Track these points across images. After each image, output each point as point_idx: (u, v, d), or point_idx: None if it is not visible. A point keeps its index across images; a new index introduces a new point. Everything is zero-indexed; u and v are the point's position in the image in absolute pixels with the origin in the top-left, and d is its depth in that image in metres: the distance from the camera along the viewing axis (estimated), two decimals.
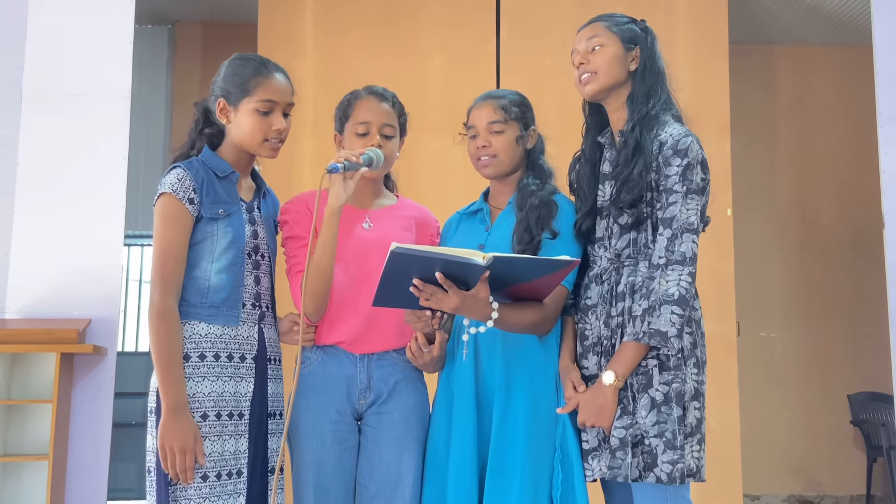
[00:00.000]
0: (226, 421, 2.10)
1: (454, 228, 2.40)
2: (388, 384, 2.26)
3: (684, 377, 2.05)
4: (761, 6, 5.99)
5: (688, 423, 2.04)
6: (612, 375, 2.05)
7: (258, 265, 2.22)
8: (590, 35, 2.22)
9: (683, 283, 2.02)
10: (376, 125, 2.32)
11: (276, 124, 2.18)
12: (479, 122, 2.30)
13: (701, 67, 4.92)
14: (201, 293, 2.11)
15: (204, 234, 2.12)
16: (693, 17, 5.07)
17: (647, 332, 2.01)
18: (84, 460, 3.98)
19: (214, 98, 2.22)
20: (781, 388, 6.29)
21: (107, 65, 4.25)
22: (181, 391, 2.03)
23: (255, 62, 2.21)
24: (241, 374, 2.15)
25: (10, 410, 3.89)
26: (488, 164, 2.29)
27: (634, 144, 2.12)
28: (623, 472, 2.02)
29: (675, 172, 2.07)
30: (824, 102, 6.59)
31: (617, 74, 2.19)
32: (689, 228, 2.05)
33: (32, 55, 4.22)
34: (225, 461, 2.08)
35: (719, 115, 4.95)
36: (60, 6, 4.28)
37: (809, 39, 6.52)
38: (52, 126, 4.17)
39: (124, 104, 4.23)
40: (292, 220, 2.30)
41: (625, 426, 2.04)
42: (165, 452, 2.00)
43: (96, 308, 4.04)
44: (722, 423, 4.57)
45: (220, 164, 2.19)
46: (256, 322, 2.20)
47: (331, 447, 2.21)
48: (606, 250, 2.18)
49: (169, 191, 2.10)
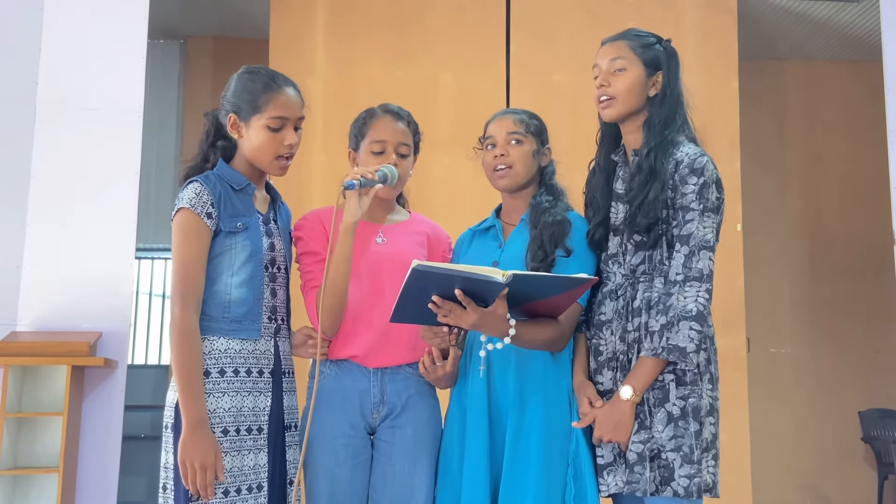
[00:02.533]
0: (245, 436, 2.09)
1: (467, 245, 2.40)
2: (401, 398, 2.26)
3: (700, 392, 2.05)
4: (771, 22, 6.00)
5: (703, 437, 2.03)
6: (629, 390, 2.04)
7: (275, 278, 2.21)
8: (613, 55, 2.21)
9: (701, 300, 2.02)
10: (392, 144, 2.33)
11: (287, 140, 2.18)
12: (498, 133, 2.31)
13: (710, 83, 4.92)
14: (223, 307, 2.11)
15: (223, 247, 2.12)
16: (702, 32, 5.08)
17: (666, 348, 2.01)
18: (94, 473, 3.99)
19: (225, 112, 2.22)
20: (791, 404, 6.26)
21: (119, 79, 4.29)
22: (202, 407, 2.02)
23: (264, 77, 2.20)
24: (260, 389, 2.14)
25: (20, 423, 3.90)
26: (504, 175, 2.29)
27: (649, 169, 2.12)
28: (641, 486, 2.02)
29: (691, 191, 2.08)
30: (834, 118, 6.58)
31: (635, 102, 2.19)
32: (706, 246, 2.05)
33: (46, 70, 4.26)
34: (245, 476, 2.07)
35: (729, 131, 4.95)
36: (74, 21, 4.32)
37: (819, 55, 6.52)
38: (65, 140, 4.21)
39: (136, 118, 4.26)
40: (307, 236, 2.30)
41: (642, 441, 2.03)
42: (186, 468, 1.98)
43: (107, 321, 4.06)
44: (732, 439, 4.53)
45: (235, 176, 2.19)
46: (273, 336, 2.19)
47: (344, 461, 2.21)
48: (621, 266, 2.18)
49: (187, 206, 2.10)
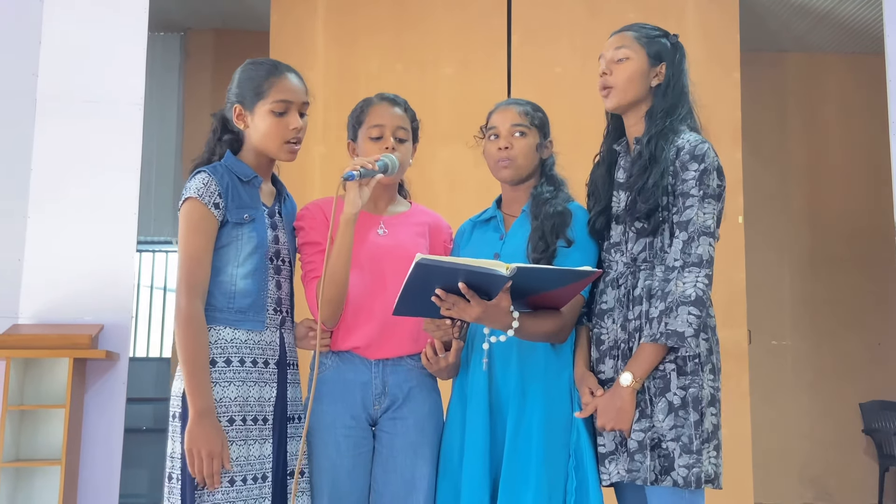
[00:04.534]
0: (251, 426, 2.10)
1: (468, 236, 2.40)
2: (402, 390, 2.26)
3: (701, 382, 2.05)
4: (772, 14, 5.98)
5: (704, 428, 2.03)
6: (629, 377, 2.04)
7: (279, 270, 2.22)
8: (618, 44, 2.22)
9: (700, 285, 2.02)
10: (390, 128, 2.33)
11: (292, 123, 2.19)
12: (501, 124, 2.31)
13: (712, 75, 4.91)
14: (227, 298, 2.11)
15: (229, 238, 2.12)
16: (704, 25, 5.07)
17: (665, 333, 2.01)
18: (96, 465, 3.99)
19: (230, 105, 2.23)
20: (793, 396, 6.27)
21: (120, 72, 4.29)
22: (209, 396, 2.02)
23: (266, 65, 2.23)
24: (265, 379, 2.15)
25: (23, 415, 3.90)
26: (507, 167, 2.29)
27: (649, 156, 2.13)
28: (642, 475, 2.02)
29: (691, 177, 2.08)
30: (836, 110, 6.57)
31: (636, 91, 2.20)
32: (706, 232, 2.05)
33: (46, 63, 4.26)
34: (251, 465, 2.08)
35: (730, 123, 4.95)
36: (74, 14, 4.31)
37: (821, 47, 6.51)
38: (66, 133, 4.21)
39: (137, 111, 4.26)
40: (308, 227, 2.30)
41: (643, 429, 2.04)
42: (193, 457, 1.99)
43: (109, 314, 4.07)
44: (733, 432, 4.53)
45: (243, 168, 2.20)
46: (278, 327, 2.20)
47: (345, 453, 2.21)
48: (622, 255, 2.18)
49: (195, 195, 2.10)
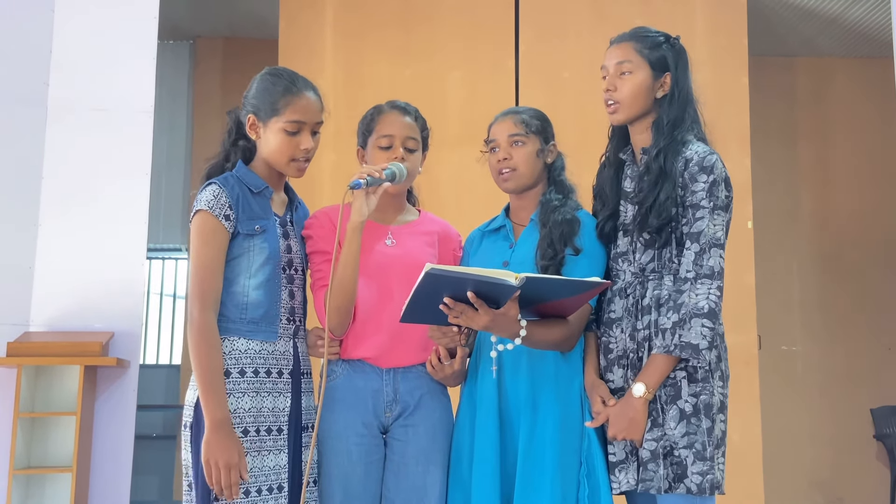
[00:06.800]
0: (265, 436, 2.10)
1: (477, 245, 2.39)
2: (413, 397, 2.26)
3: (712, 389, 2.05)
4: (781, 18, 5.97)
5: (715, 434, 2.04)
6: (642, 387, 2.04)
7: (292, 279, 2.22)
8: (620, 58, 2.19)
9: (713, 297, 2.02)
10: (400, 138, 2.33)
11: (303, 144, 2.19)
12: (499, 136, 2.31)
13: (720, 79, 4.90)
14: (240, 309, 2.12)
15: (241, 249, 2.13)
16: (712, 29, 5.06)
17: (679, 345, 2.01)
18: (106, 472, 4.00)
19: (245, 112, 2.23)
20: (803, 401, 6.24)
21: (130, 80, 4.30)
22: (224, 406, 2.03)
23: (285, 80, 2.21)
24: (280, 390, 2.15)
25: (34, 423, 3.92)
26: (509, 178, 2.29)
27: (658, 170, 2.12)
28: (655, 484, 2.02)
29: (701, 189, 2.08)
30: (845, 114, 6.55)
31: (642, 105, 2.19)
32: (717, 243, 2.06)
33: (57, 71, 4.27)
34: (266, 476, 2.08)
35: (739, 127, 4.93)
36: (84, 23, 4.33)
37: (829, 51, 6.50)
38: (76, 141, 4.22)
39: (147, 119, 4.27)
40: (316, 235, 2.30)
41: (655, 438, 2.04)
42: (210, 468, 1.99)
43: (119, 321, 4.07)
44: (744, 437, 4.54)
45: (254, 179, 2.20)
46: (291, 337, 2.21)
47: (357, 461, 2.21)
48: (630, 264, 2.18)
49: (205, 208, 2.11)
